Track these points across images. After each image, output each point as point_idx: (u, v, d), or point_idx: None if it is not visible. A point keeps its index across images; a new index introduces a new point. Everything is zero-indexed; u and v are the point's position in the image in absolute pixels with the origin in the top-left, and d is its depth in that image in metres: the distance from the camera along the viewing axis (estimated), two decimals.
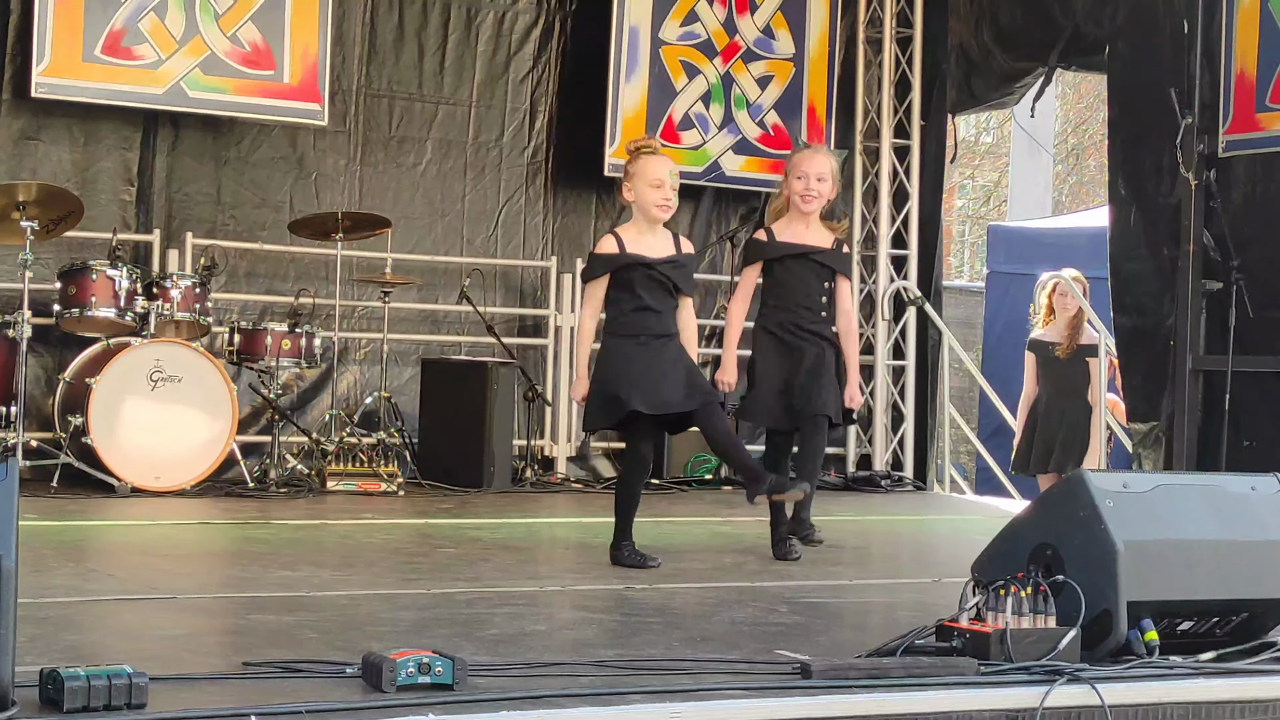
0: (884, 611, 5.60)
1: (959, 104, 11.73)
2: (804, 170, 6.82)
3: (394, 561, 6.34)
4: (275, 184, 10.25)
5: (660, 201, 6.42)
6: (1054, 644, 4.16)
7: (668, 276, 6.45)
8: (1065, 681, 4.00)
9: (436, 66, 10.73)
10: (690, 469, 10.67)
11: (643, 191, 6.44)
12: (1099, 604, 4.24)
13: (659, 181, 6.42)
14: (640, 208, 6.48)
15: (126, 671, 3.48)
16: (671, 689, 3.86)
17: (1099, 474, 4.46)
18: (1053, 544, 4.39)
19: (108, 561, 6.56)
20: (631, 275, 6.41)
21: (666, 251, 6.49)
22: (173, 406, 8.69)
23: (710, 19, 11.07)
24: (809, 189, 6.79)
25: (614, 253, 6.45)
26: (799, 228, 6.88)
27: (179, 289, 8.95)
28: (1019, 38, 10.98)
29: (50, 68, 9.24)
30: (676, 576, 6.27)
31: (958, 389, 13.39)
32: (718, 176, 11.17)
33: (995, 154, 29.43)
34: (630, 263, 6.41)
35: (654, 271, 6.42)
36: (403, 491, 9.27)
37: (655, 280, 6.42)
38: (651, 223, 6.48)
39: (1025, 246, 14.01)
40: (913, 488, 11.46)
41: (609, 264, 6.46)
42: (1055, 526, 4.42)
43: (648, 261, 6.43)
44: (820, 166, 6.82)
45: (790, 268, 6.88)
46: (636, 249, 6.44)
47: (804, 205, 6.82)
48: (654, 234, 6.50)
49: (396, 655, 3.75)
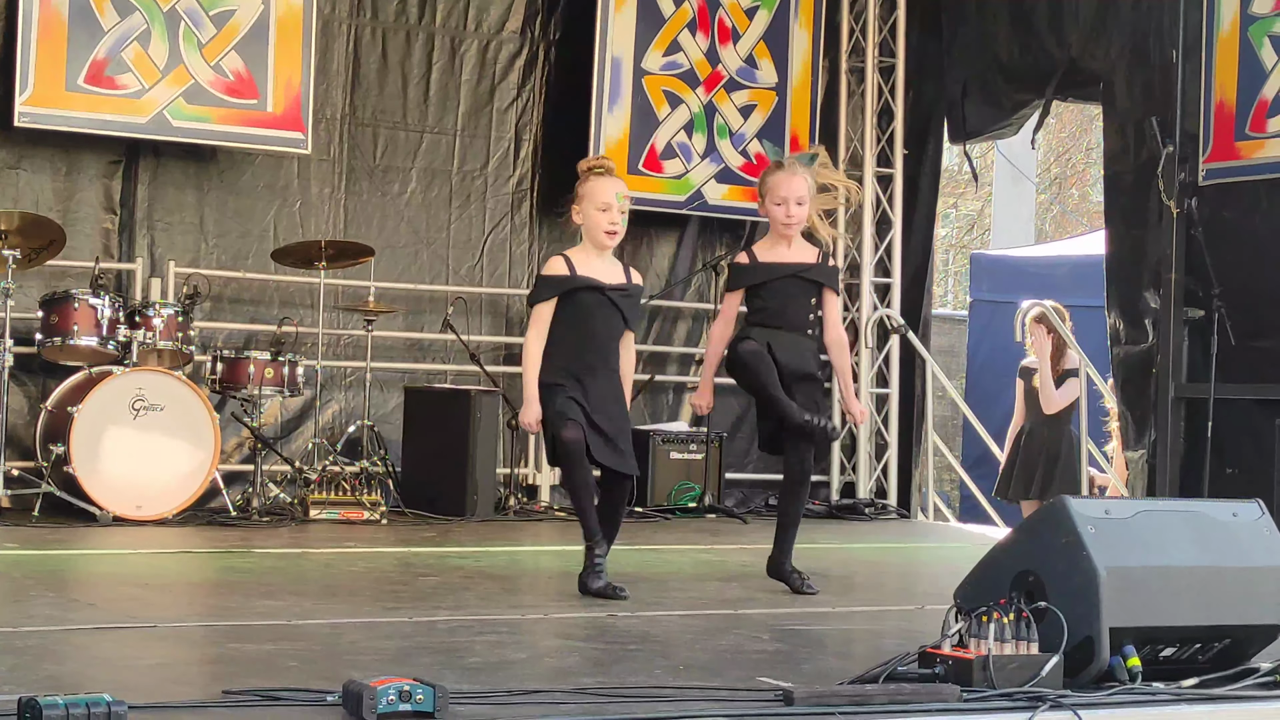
0: (868, 639, 5.59)
1: (956, 134, 11.78)
2: (782, 195, 6.58)
3: (376, 590, 6.32)
4: (259, 213, 10.24)
5: (608, 226, 6.20)
6: (1037, 670, 4.15)
7: (618, 305, 6.24)
8: (1048, 708, 3.99)
9: (421, 95, 10.74)
10: (674, 497, 10.66)
11: (590, 214, 6.23)
12: (1081, 630, 4.24)
13: (606, 205, 6.20)
14: (588, 231, 6.27)
15: (105, 700, 3.47)
16: (654, 716, 3.85)
17: (1081, 500, 4.47)
18: (1035, 570, 4.38)
19: (89, 591, 6.54)
20: (582, 299, 6.20)
21: (617, 279, 6.29)
22: (155, 435, 8.67)
23: (693, 49, 11.10)
24: (790, 215, 6.56)
25: (564, 274, 6.23)
26: (781, 248, 6.65)
27: (161, 318, 8.94)
28: (1016, 70, 11.03)
29: (33, 97, 9.23)
30: (659, 604, 6.26)
31: (941, 417, 13.40)
32: (701, 205, 11.19)
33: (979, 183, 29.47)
34: (582, 286, 6.20)
35: (605, 297, 6.22)
36: (386, 520, 9.25)
37: (606, 307, 6.22)
38: (599, 248, 6.26)
39: (1008, 275, 14.05)
40: (897, 515, 11.46)
41: (559, 286, 6.23)
42: (1037, 553, 4.42)
43: (600, 286, 6.22)
44: (798, 189, 6.56)
45: (776, 289, 6.60)
46: (587, 272, 6.22)
47: (785, 231, 6.61)
48: (603, 260, 6.29)
49: (377, 683, 3.74)
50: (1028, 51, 10.90)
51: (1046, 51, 10.73)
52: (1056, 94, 10.86)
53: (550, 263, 6.35)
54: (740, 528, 10.10)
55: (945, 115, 11.65)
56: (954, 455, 12.78)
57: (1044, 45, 10.73)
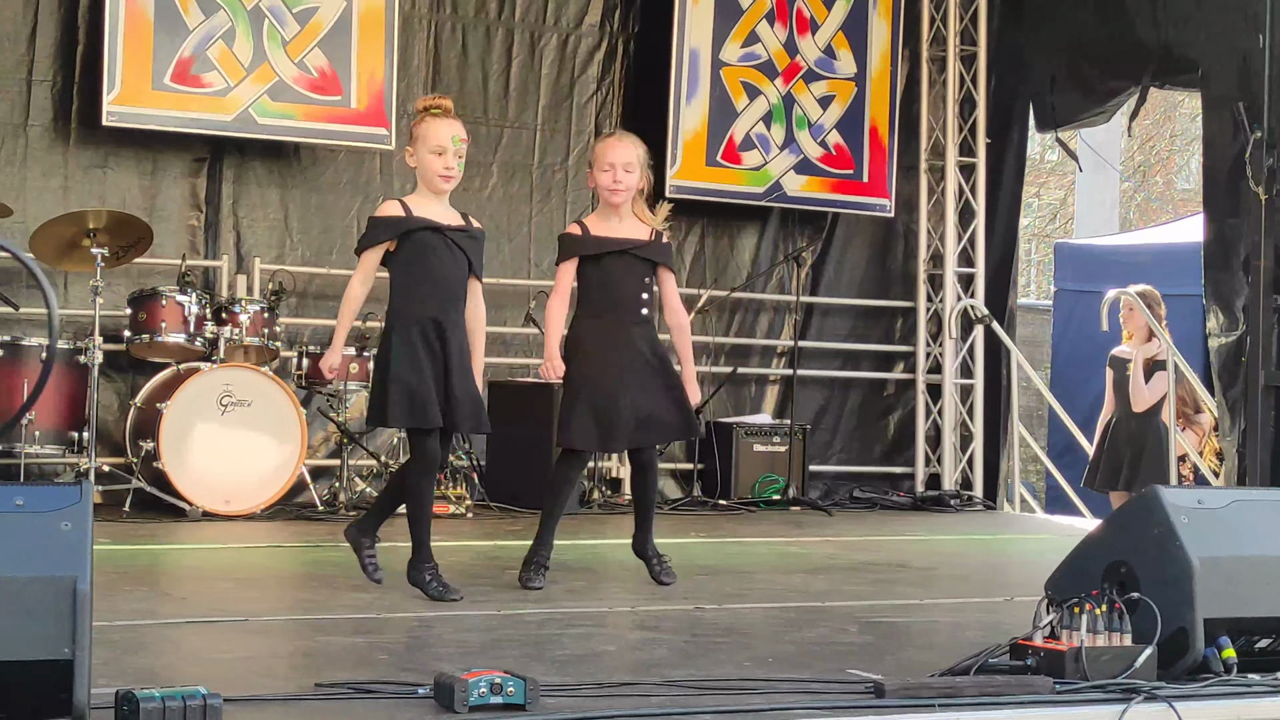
0: (952, 631, 5.56)
1: (1045, 123, 11.67)
2: (609, 161, 6.22)
3: (463, 583, 6.32)
4: (341, 208, 10.31)
5: (443, 170, 5.85)
6: (1130, 662, 4.12)
7: (460, 246, 5.89)
8: (1142, 700, 3.96)
9: (501, 90, 10.77)
10: (757, 490, 10.64)
11: (425, 158, 5.86)
12: (1175, 621, 4.20)
13: (441, 148, 5.84)
14: (422, 176, 5.90)
15: (201, 693, 3.51)
16: (744, 709, 3.84)
17: (1173, 490, 4.42)
18: (1127, 561, 4.35)
19: (179, 585, 6.61)
20: (420, 240, 5.83)
21: (458, 223, 5.93)
22: (242, 431, 8.74)
23: (771, 40, 11.07)
24: (616, 180, 6.20)
25: (400, 215, 5.87)
26: (612, 222, 6.29)
27: (248, 314, 9.01)
28: (1108, 57, 10.90)
29: (120, 96, 9.32)
30: (744, 597, 6.26)
31: (1025, 407, 13.29)
32: (779, 197, 11.15)
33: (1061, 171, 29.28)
34: (419, 226, 5.83)
35: (446, 238, 5.85)
36: (471, 514, 9.29)
37: (448, 248, 5.85)
38: (435, 193, 5.90)
39: (1093, 264, 13.91)
40: (982, 507, 11.38)
41: (393, 228, 5.85)
42: (1129, 543, 4.38)
43: (439, 226, 5.86)
44: (626, 155, 6.22)
45: (608, 265, 6.24)
46: (425, 215, 5.86)
47: (612, 198, 6.24)
48: (440, 204, 5.93)
49: (468, 676, 3.76)
50: (1119, 37, 10.77)
51: (1139, 37, 10.60)
52: (1153, 81, 10.74)
53: (383, 205, 6.03)
54: (825, 520, 10.07)
55: (1031, 103, 11.54)
56: (1039, 446, 12.69)
57: (1136, 31, 10.60)
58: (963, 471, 11.61)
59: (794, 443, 10.71)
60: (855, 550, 8.22)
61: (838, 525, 9.75)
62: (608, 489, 10.48)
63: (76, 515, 3.53)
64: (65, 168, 9.60)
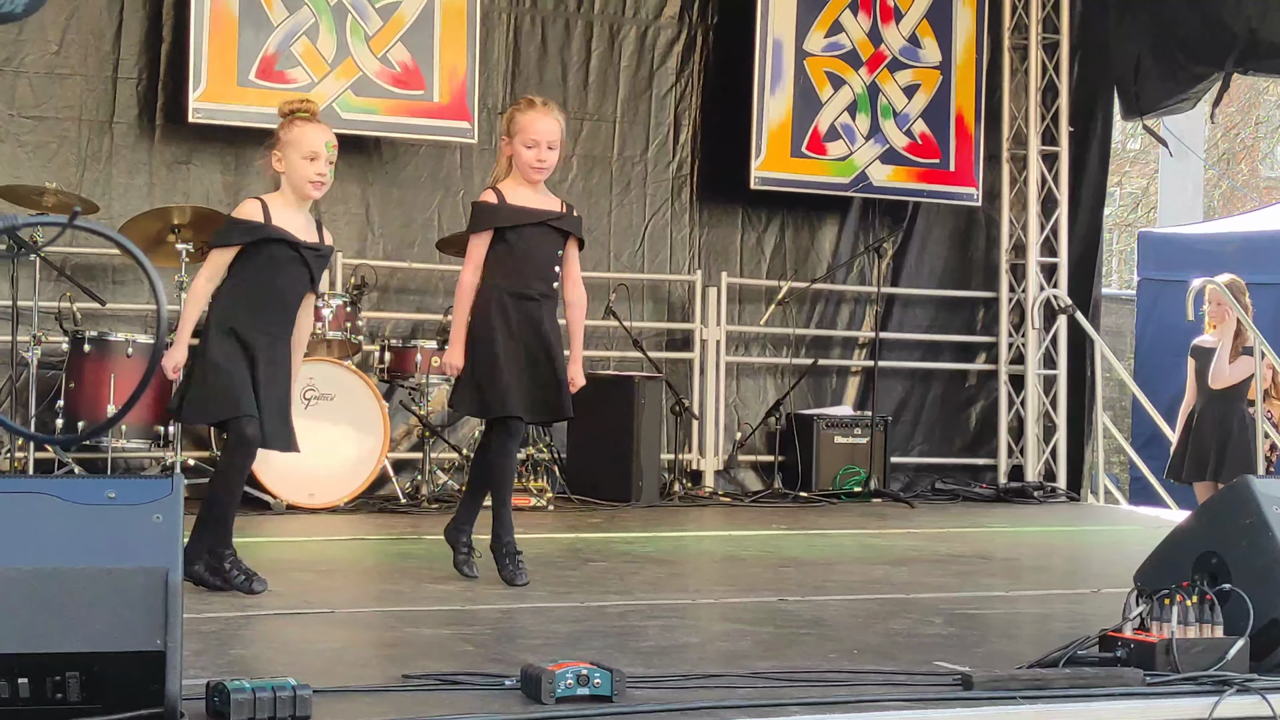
0: (1038, 623, 5.53)
1: (1130, 110, 11.57)
2: (535, 138, 5.95)
3: (546, 575, 6.36)
4: (422, 203, 10.35)
5: (314, 176, 5.69)
6: (1222, 654, 4.07)
7: (308, 265, 5.72)
8: (1235, 692, 3.92)
9: (580, 83, 10.78)
10: (839, 482, 10.60)
11: (295, 164, 5.68)
12: (1267, 613, 4.15)
13: (314, 154, 5.68)
14: (291, 182, 5.71)
15: (291, 684, 3.53)
16: (830, 700, 3.83)
17: (1264, 481, 4.37)
18: (1218, 552, 4.30)
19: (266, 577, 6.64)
20: (270, 253, 5.66)
21: (312, 237, 5.77)
22: (326, 424, 8.79)
23: (855, 29, 11.02)
24: (541, 160, 5.97)
25: (257, 221, 5.66)
26: (527, 192, 6.05)
27: (330, 308, 9.06)
28: (1193, 43, 10.81)
29: (206, 93, 9.40)
30: (828, 589, 6.24)
31: (1109, 398, 13.17)
32: (866, 187, 11.10)
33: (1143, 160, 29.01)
34: (274, 238, 5.64)
35: (298, 254, 5.68)
36: (552, 506, 9.32)
37: (296, 264, 5.68)
38: (301, 200, 5.73)
39: (1176, 253, 13.76)
40: (1066, 498, 11.30)
41: (248, 233, 5.66)
42: (1220, 534, 4.33)
43: (294, 241, 5.68)
44: (552, 131, 5.97)
45: (524, 235, 6.02)
46: (283, 224, 5.67)
47: (533, 176, 6.00)
48: (301, 212, 5.76)
49: (555, 667, 3.77)
50: (1204, 24, 10.67)
51: (1224, 23, 10.50)
52: (1236, 67, 10.62)
53: (244, 205, 5.81)
54: (906, 511, 10.03)
55: (1115, 91, 11.44)
56: (1124, 436, 12.58)
57: (1221, 17, 10.50)
58: (1046, 463, 11.52)
59: (875, 434, 10.67)
60: (938, 542, 8.18)
61: (920, 517, 9.71)
62: (689, 481, 10.48)
63: (168, 508, 3.57)
64: (150, 164, 9.70)
